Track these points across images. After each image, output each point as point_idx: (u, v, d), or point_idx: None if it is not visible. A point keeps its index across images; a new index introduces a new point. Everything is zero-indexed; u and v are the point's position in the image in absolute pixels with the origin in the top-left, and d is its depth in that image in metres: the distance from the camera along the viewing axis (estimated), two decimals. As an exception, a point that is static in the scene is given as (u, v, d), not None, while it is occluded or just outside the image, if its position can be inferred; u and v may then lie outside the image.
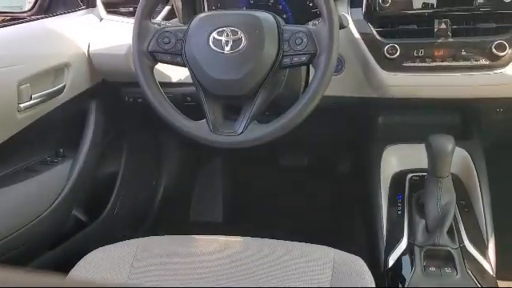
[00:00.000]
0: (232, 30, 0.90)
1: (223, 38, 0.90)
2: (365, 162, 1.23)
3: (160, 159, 1.69)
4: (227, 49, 0.90)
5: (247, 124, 0.91)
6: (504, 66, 1.00)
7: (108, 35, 1.23)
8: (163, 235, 0.96)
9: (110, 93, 1.29)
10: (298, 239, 0.95)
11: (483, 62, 1.01)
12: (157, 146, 1.69)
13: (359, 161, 1.37)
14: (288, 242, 0.94)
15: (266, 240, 0.93)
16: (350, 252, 0.93)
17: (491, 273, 0.96)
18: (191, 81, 0.95)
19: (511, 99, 1.08)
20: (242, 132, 0.91)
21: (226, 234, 0.96)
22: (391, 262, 0.98)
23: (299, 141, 1.54)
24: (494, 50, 0.99)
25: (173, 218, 1.72)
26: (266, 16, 0.93)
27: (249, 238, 0.94)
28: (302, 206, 1.72)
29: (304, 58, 0.89)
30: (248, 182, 1.86)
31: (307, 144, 1.73)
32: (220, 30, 0.91)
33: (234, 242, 0.93)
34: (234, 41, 0.90)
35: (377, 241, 1.05)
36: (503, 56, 0.99)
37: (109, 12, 1.28)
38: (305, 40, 0.89)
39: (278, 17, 0.95)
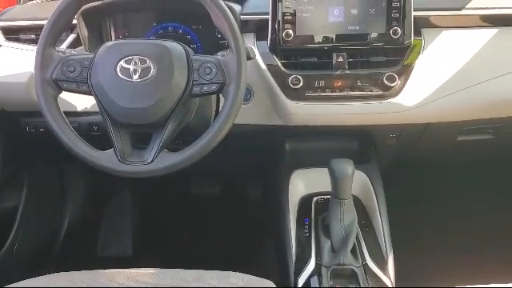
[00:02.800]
0: (140, 59, 0.91)
1: (131, 67, 0.90)
2: (274, 187, 1.27)
3: (64, 192, 1.61)
4: (135, 77, 0.90)
5: (157, 153, 0.91)
6: (395, 95, 1.10)
7: (7, 63, 1.17)
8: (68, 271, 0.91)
9: (10, 122, 1.22)
10: (211, 267, 0.95)
11: (376, 92, 1.10)
12: (61, 178, 1.60)
13: (268, 186, 1.41)
14: (200, 271, 0.94)
15: (178, 270, 0.92)
16: (261, 276, 0.95)
17: (391, 286, 1.03)
18: (97, 109, 0.93)
19: (403, 125, 1.18)
20: (152, 161, 0.91)
21: (136, 267, 0.94)
22: (301, 283, 1.01)
23: (211, 168, 1.56)
24: (385, 81, 1.09)
25: (79, 253, 1.63)
26: (174, 45, 0.95)
27: (160, 269, 0.92)
28: (214, 234, 1.72)
29: (214, 87, 0.92)
30: (159, 211, 1.83)
31: (219, 171, 1.75)
32: (128, 58, 0.91)
33: (143, 275, 0.91)
34: (142, 69, 0.90)
35: (286, 263, 1.08)
36: (393, 86, 1.09)
37: (7, 39, 1.23)
38: (214, 70, 0.92)
39: (186, 47, 0.97)
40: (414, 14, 1.09)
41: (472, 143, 1.29)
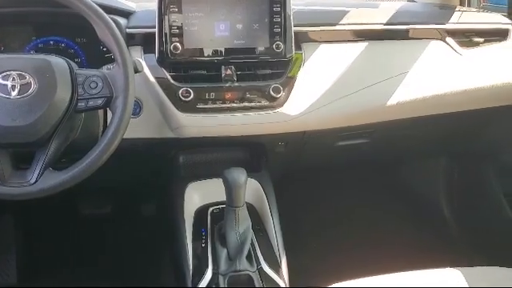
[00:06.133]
0: (19, 74, 0.86)
1: (9, 83, 0.85)
2: (168, 202, 1.26)
3: None
4: (14, 94, 0.85)
5: (41, 172, 0.86)
6: (280, 105, 1.16)
7: None
8: None
9: None
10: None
11: (264, 103, 1.15)
12: None
13: (163, 201, 1.40)
14: None
15: None
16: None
17: (284, 287, 1.08)
18: (-29, 129, 0.86)
19: (289, 134, 1.25)
20: (36, 181, 0.86)
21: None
22: None
23: (101, 186, 1.50)
24: (271, 92, 1.15)
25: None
26: (56, 60, 0.91)
27: None
28: (108, 254, 1.66)
29: (100, 102, 0.90)
30: (45, 235, 1.71)
31: (110, 189, 1.69)
32: (5, 74, 0.86)
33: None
34: (21, 85, 0.85)
35: (183, 275, 1.07)
36: (279, 97, 1.15)
37: None
38: (100, 84, 0.90)
39: (70, 61, 0.93)
40: (294, 29, 1.16)
41: (350, 148, 1.40)
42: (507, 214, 1.57)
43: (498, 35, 1.42)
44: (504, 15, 1.48)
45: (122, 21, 1.15)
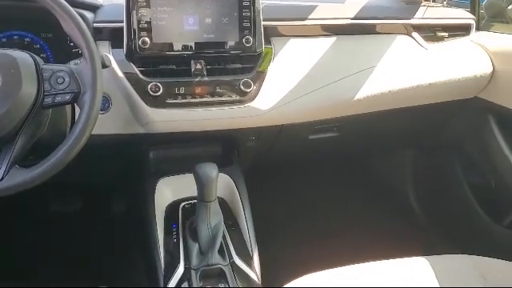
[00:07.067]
0: (-18, 70, 0.83)
1: None
2: (139, 198, 1.25)
3: None
4: (-23, 89, 0.82)
5: (7, 170, 0.84)
6: (251, 100, 1.16)
7: None
8: None
9: None
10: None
11: (235, 97, 1.15)
12: None
13: (134, 197, 1.39)
14: None
15: None
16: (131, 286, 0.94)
17: (257, 281, 1.08)
18: None
19: (260, 128, 1.26)
20: (2, 179, 0.84)
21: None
22: None
23: (70, 183, 1.48)
24: (241, 87, 1.15)
25: None
26: (21, 55, 0.89)
27: None
28: (80, 252, 1.63)
29: (67, 97, 0.88)
30: (15, 234, 1.67)
31: (79, 186, 1.66)
32: None
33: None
34: None
35: (155, 271, 1.07)
36: (249, 92, 1.15)
37: None
38: (67, 79, 0.88)
39: (35, 56, 0.91)
40: (263, 23, 1.16)
41: (321, 141, 1.42)
42: (472, 203, 1.62)
43: (462, 30, 1.47)
44: (467, 11, 1.53)
45: (89, 15, 1.13)
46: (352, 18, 1.32)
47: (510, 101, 1.37)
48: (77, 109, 1.00)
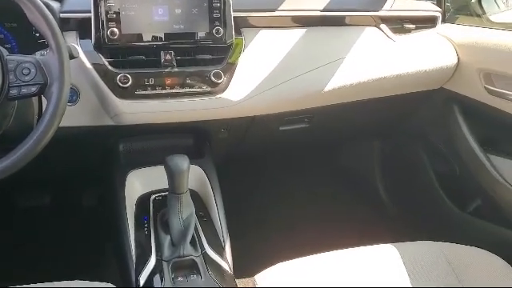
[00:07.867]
0: None
1: None
2: (109, 190, 1.24)
3: None
4: None
5: (-29, 163, 0.82)
6: (222, 91, 1.16)
7: None
8: None
9: None
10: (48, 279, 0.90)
11: (205, 88, 1.15)
12: None
13: (104, 190, 1.37)
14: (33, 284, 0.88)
15: None
16: (102, 280, 0.93)
17: (229, 271, 1.09)
18: None
19: (232, 120, 1.26)
20: (-34, 173, 0.82)
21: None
22: (142, 281, 1.01)
23: (37, 177, 1.45)
24: (212, 78, 1.14)
25: None
26: None
27: None
28: (49, 246, 1.61)
29: (34, 89, 0.86)
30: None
31: (48, 180, 1.63)
32: None
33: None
34: None
35: (126, 264, 1.06)
36: (220, 83, 1.15)
37: None
38: (33, 70, 0.86)
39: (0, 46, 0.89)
40: (234, 14, 1.16)
41: (292, 132, 1.44)
42: (438, 191, 1.67)
43: (428, 22, 1.50)
44: (433, 3, 1.56)
45: (55, 4, 1.10)
46: (322, 10, 1.33)
47: (474, 91, 1.41)
48: (44, 100, 0.98)
